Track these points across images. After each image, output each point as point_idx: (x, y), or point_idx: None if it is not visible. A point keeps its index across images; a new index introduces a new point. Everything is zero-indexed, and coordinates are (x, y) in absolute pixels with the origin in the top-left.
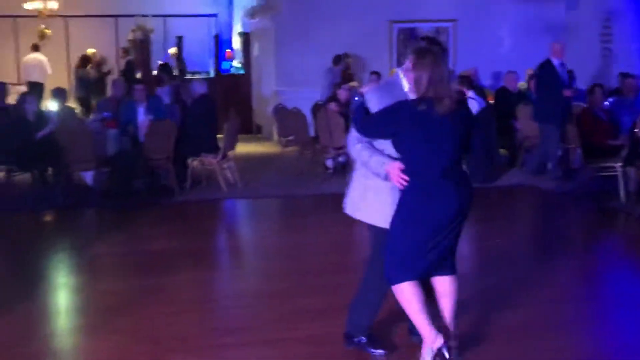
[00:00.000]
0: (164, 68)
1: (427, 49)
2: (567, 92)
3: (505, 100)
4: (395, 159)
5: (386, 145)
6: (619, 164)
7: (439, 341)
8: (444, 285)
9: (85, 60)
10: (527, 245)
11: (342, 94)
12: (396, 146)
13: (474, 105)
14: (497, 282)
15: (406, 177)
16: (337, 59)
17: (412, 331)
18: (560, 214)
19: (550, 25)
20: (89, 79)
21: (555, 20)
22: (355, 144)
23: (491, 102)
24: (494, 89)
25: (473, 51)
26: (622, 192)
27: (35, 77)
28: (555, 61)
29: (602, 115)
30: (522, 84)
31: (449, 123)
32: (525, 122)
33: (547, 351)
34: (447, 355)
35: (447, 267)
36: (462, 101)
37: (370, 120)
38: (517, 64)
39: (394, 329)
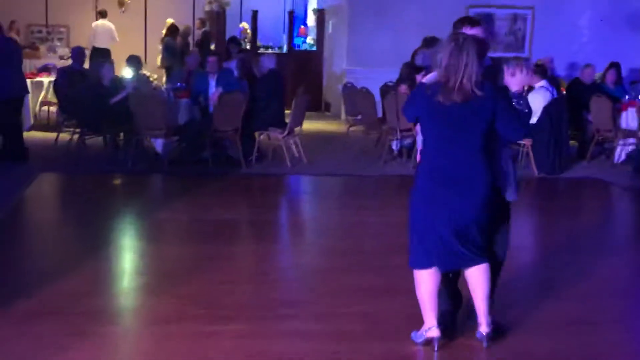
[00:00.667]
0: (233, 41)
1: (454, 35)
2: None
3: (579, 92)
4: None
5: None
6: None
7: (434, 332)
8: (471, 278)
9: (173, 29)
10: (591, 239)
11: (418, 78)
12: (421, 129)
13: (546, 95)
14: (558, 273)
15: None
16: (432, 41)
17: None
18: (627, 209)
19: (633, 17)
20: (175, 48)
21: (637, 12)
22: None
23: (564, 92)
24: (569, 80)
25: (550, 40)
26: None
27: (102, 44)
28: None
29: None
30: (598, 75)
31: (456, 112)
32: (598, 115)
33: (601, 344)
34: (435, 347)
35: (472, 259)
36: (480, 92)
37: (405, 105)
38: (595, 55)
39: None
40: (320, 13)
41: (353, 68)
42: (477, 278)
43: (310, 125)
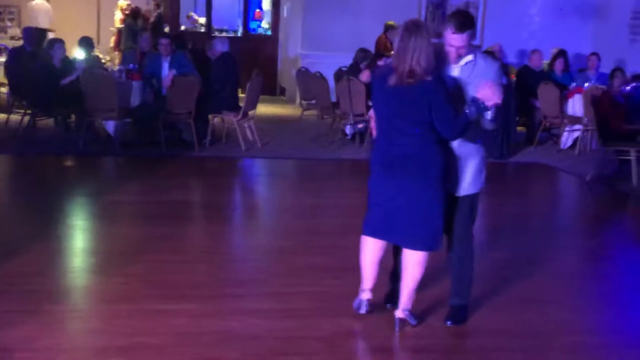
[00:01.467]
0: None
1: (407, 22)
2: None
3: (527, 79)
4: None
5: None
6: (635, 149)
7: (364, 295)
8: (404, 260)
9: (135, 12)
10: (537, 222)
11: (379, 63)
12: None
13: None
14: (507, 254)
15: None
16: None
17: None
18: (573, 194)
19: (581, 6)
20: (136, 30)
21: (586, 1)
22: None
23: (513, 79)
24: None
25: (501, 27)
26: (634, 177)
27: (39, 23)
28: None
29: (621, 99)
30: (545, 63)
31: (397, 95)
32: (545, 102)
33: (547, 323)
34: (362, 310)
35: (401, 239)
36: (424, 78)
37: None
38: (545, 43)
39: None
40: None
41: (308, 53)
42: (407, 262)
43: (264, 109)
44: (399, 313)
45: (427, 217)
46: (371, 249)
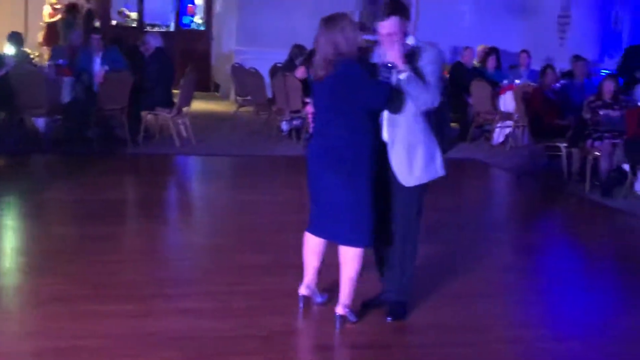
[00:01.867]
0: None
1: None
2: None
3: (460, 76)
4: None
5: None
6: (564, 145)
7: (300, 290)
8: (340, 256)
9: (72, 7)
10: (471, 217)
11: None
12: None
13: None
14: (441, 249)
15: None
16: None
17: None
18: (505, 189)
19: (511, 4)
20: (75, 26)
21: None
22: None
23: (447, 76)
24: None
25: (434, 25)
26: (565, 172)
27: None
28: None
29: (552, 95)
30: (476, 61)
31: (319, 88)
32: (478, 98)
33: (481, 316)
34: (300, 304)
35: (332, 235)
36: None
37: None
38: (477, 40)
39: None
40: None
41: (242, 48)
42: (342, 258)
43: (199, 105)
44: (339, 310)
45: (356, 211)
46: (309, 245)
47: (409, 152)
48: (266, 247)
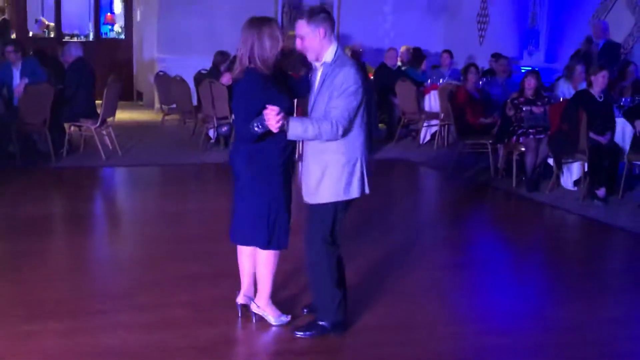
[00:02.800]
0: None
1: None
2: None
3: (385, 77)
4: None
5: None
6: (490, 142)
7: (238, 299)
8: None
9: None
10: (401, 217)
11: None
12: None
13: None
14: (373, 248)
15: None
16: None
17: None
18: (435, 187)
19: (431, 4)
20: None
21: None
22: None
23: (371, 77)
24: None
25: (356, 27)
26: (492, 168)
27: None
28: None
29: (476, 94)
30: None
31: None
32: (403, 99)
33: (424, 314)
34: (238, 313)
35: (242, 238)
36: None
37: None
38: (399, 40)
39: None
40: (127, 0)
41: (164, 56)
42: (258, 259)
43: (123, 115)
44: (253, 307)
45: (260, 214)
46: (241, 251)
47: (314, 168)
48: (199, 256)
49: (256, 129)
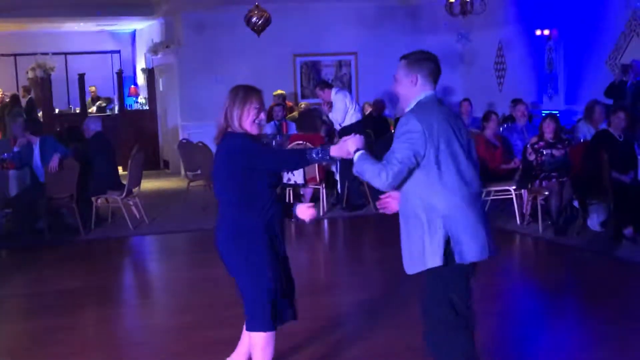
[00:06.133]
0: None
1: None
2: None
3: None
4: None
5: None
6: (513, 187)
7: None
8: None
9: (16, 99)
10: None
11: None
12: None
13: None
14: (403, 301)
15: None
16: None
17: None
18: None
19: (446, 55)
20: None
21: (451, 51)
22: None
23: (392, 130)
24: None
25: (374, 82)
26: (517, 214)
27: None
28: None
29: (495, 141)
30: None
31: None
32: None
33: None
34: None
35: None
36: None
37: None
38: None
39: None
40: (149, 72)
41: (187, 123)
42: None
43: (149, 184)
44: None
45: (243, 292)
46: None
47: None
48: (230, 321)
49: (315, 156)
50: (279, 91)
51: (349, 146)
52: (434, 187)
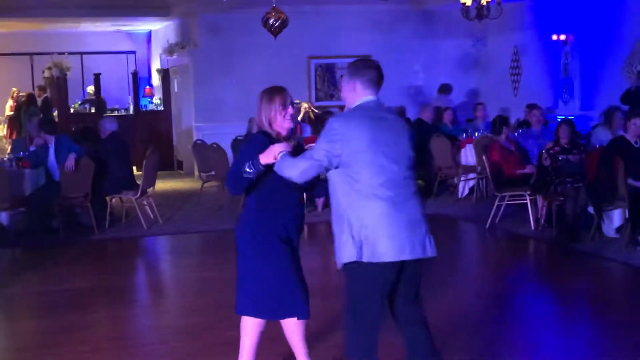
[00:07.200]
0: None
1: None
2: None
3: (422, 132)
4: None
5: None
6: (528, 192)
7: None
8: None
9: (33, 99)
10: (446, 273)
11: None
12: None
13: None
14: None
15: None
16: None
17: None
18: (476, 241)
19: (462, 59)
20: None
21: (467, 55)
22: None
23: None
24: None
25: (390, 84)
26: (531, 219)
27: None
28: None
29: (509, 146)
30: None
31: None
32: (439, 154)
33: None
34: None
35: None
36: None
37: None
38: (432, 96)
39: None
40: (164, 73)
41: (202, 124)
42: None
43: (164, 184)
44: None
45: (240, 281)
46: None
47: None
48: (239, 322)
49: (248, 169)
50: (303, 104)
51: (274, 151)
52: (351, 188)
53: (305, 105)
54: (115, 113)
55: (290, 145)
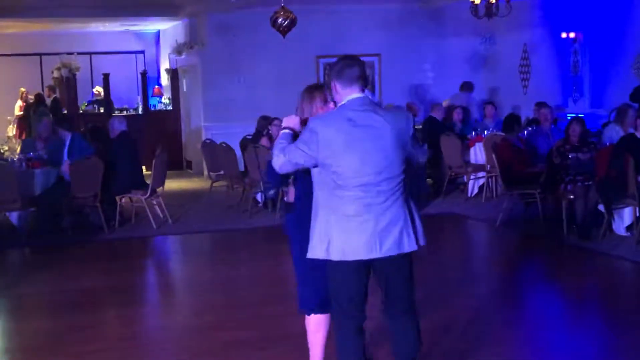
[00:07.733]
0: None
1: None
2: None
3: (433, 130)
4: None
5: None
6: (538, 191)
7: None
8: None
9: (41, 99)
10: (456, 271)
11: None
12: None
13: None
14: (424, 304)
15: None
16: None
17: None
18: (485, 240)
19: (471, 58)
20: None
21: (476, 53)
22: None
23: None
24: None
25: (399, 83)
26: (541, 218)
27: None
28: None
29: (519, 144)
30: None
31: None
32: (448, 152)
33: None
34: None
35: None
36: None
37: None
38: (441, 95)
39: None
40: (173, 72)
41: (210, 124)
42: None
43: (173, 184)
44: None
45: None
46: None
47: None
48: (252, 321)
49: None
50: None
51: (287, 122)
52: (325, 186)
53: None
54: (124, 113)
55: (297, 120)
